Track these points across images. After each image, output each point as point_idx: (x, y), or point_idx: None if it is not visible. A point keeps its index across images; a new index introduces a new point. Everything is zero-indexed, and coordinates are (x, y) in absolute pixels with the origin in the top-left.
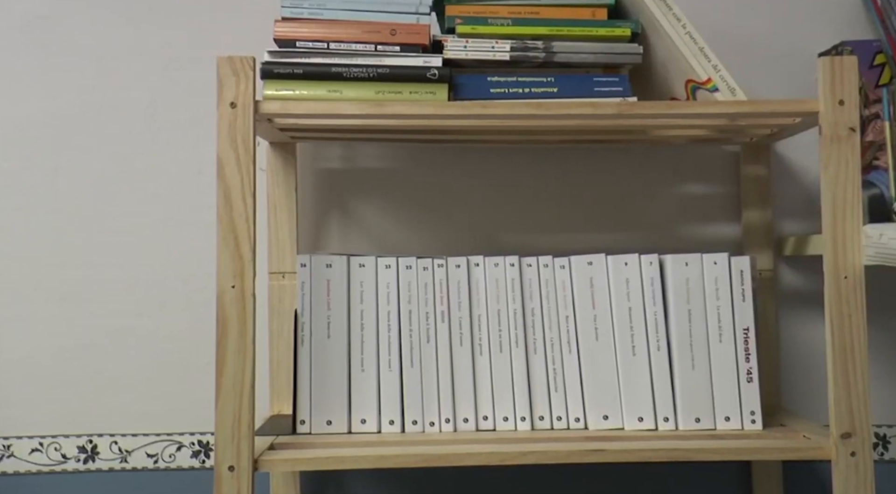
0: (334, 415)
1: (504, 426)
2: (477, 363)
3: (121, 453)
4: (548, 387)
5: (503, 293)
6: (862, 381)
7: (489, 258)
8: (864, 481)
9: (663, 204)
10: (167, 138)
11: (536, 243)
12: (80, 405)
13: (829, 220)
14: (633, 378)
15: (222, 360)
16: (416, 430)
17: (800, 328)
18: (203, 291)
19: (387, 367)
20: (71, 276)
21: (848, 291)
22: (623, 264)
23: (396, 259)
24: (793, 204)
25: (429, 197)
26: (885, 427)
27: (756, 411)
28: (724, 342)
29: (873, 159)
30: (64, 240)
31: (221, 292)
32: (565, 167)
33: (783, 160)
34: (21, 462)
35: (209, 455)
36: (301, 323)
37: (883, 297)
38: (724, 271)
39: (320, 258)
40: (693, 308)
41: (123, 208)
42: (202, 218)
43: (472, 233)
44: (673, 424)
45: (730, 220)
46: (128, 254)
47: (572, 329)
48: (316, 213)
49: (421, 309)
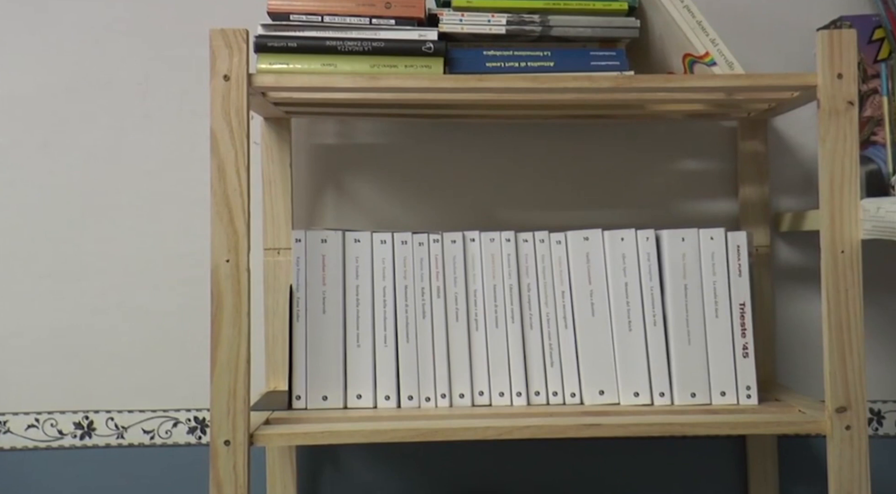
0: (330, 390)
1: (500, 402)
2: (473, 339)
3: (117, 429)
4: (543, 362)
5: (499, 269)
6: (857, 355)
7: (485, 234)
8: (858, 455)
9: (660, 180)
10: (160, 114)
11: (533, 219)
12: (76, 381)
13: (826, 194)
14: (629, 353)
15: (217, 334)
16: (412, 405)
17: (796, 303)
18: (198, 267)
19: (382, 342)
20: (65, 252)
21: (845, 265)
22: (619, 239)
23: (392, 234)
24: (790, 180)
25: (424, 173)
26: (879, 403)
27: (751, 386)
28: (720, 317)
29: (871, 135)
30: (58, 216)
31: (216, 266)
32: (562, 143)
33: (780, 136)
34: (17, 437)
35: (205, 432)
36: (296, 299)
37: (878, 273)
38: (720, 247)
39: (315, 234)
40: (689, 283)
41: (117, 185)
42: (197, 194)
43: (468, 209)
44: (668, 399)
45: (726, 196)
46: (122, 230)
47: (568, 304)
48: (311, 189)
49: (416, 284)
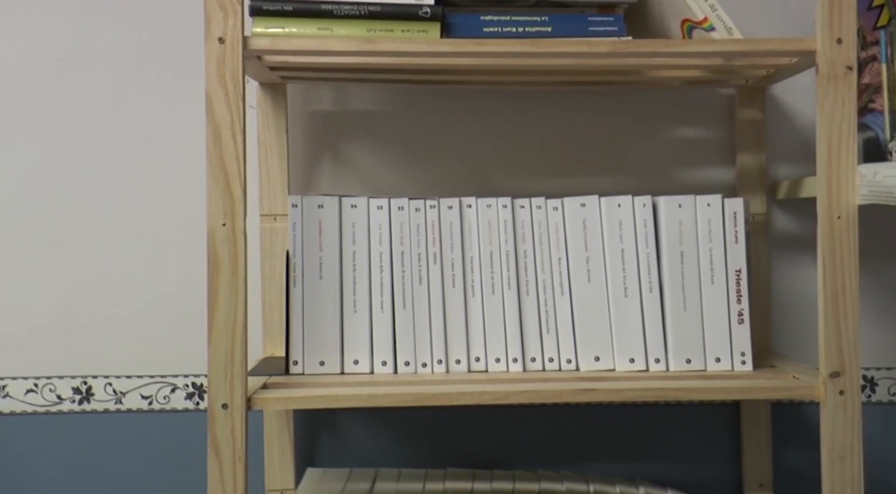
0: (327, 356)
1: (496, 368)
2: (469, 305)
3: (115, 394)
4: (540, 329)
5: (496, 235)
6: (852, 321)
7: (482, 200)
8: (851, 420)
9: (657, 147)
10: (155, 81)
11: (530, 186)
12: (75, 347)
13: (823, 159)
14: (625, 320)
15: (214, 298)
16: (409, 371)
17: (791, 272)
18: (196, 233)
19: (379, 308)
20: (63, 220)
21: (841, 231)
22: (616, 205)
23: (388, 200)
24: (787, 148)
25: (421, 140)
26: (872, 370)
27: (746, 352)
28: (716, 283)
29: (869, 102)
30: (55, 184)
31: (212, 230)
32: (559, 110)
33: (778, 104)
34: (16, 401)
35: (203, 397)
36: (293, 264)
37: (874, 240)
38: (717, 213)
39: (312, 199)
40: (686, 250)
41: (113, 151)
42: (193, 161)
43: (465, 176)
44: (664, 365)
45: (724, 164)
46: (119, 197)
47: (564, 271)
48: (307, 156)
49: (413, 251)
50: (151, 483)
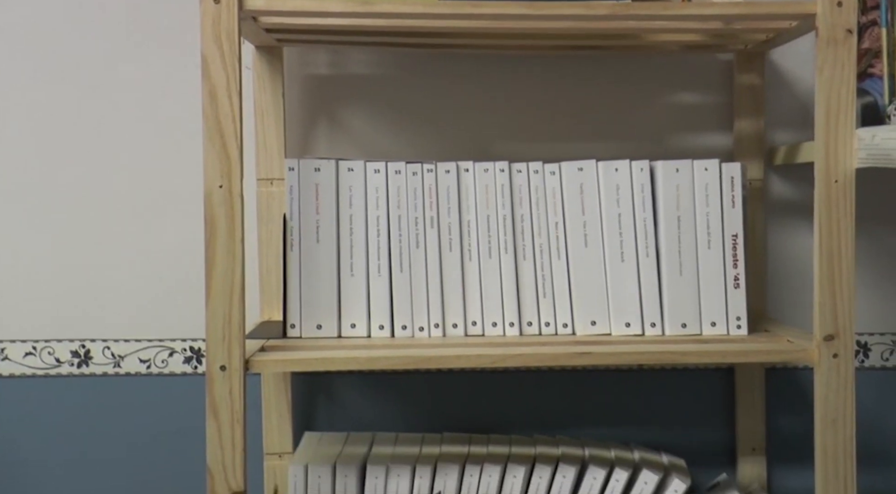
0: (324, 320)
1: (492, 332)
2: (466, 269)
3: (113, 358)
4: (536, 293)
5: (493, 199)
6: (847, 284)
7: (479, 164)
8: (844, 383)
9: (655, 113)
10: (151, 43)
11: (527, 151)
12: (73, 310)
13: (822, 123)
14: (621, 284)
15: (211, 260)
16: (406, 335)
17: (788, 238)
18: (194, 197)
19: (376, 272)
20: (60, 183)
21: (838, 194)
22: (613, 170)
23: (385, 164)
24: (785, 114)
25: (418, 104)
26: (866, 335)
27: (742, 317)
28: (713, 248)
29: (868, 67)
30: (52, 148)
31: (209, 192)
32: (558, 75)
33: (777, 69)
34: (15, 364)
35: (201, 361)
36: (290, 228)
37: (870, 206)
38: (714, 178)
39: (308, 162)
40: (682, 215)
41: (110, 118)
42: (190, 127)
43: (462, 140)
44: (659, 329)
45: (721, 129)
46: (116, 161)
47: (561, 235)
48: (303, 120)
49: (410, 214)
50: (150, 446)
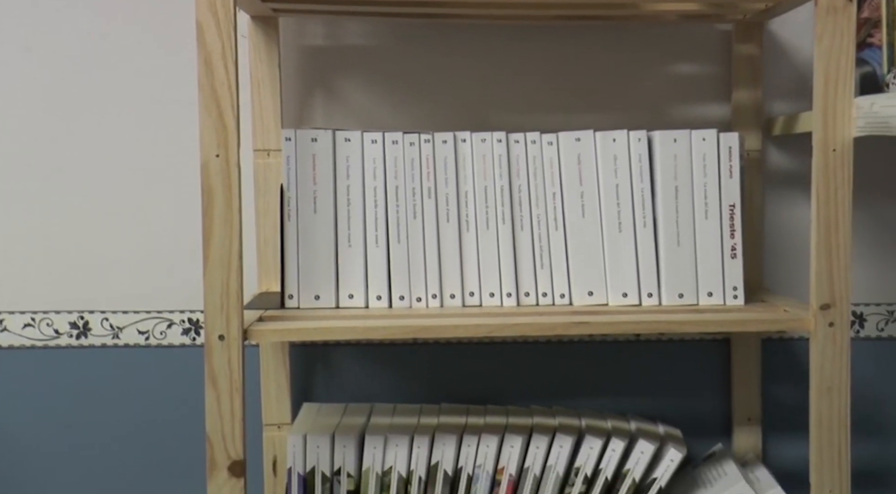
0: (322, 290)
1: (490, 303)
2: (463, 240)
3: (112, 329)
4: (534, 264)
5: (490, 170)
6: (844, 253)
7: (476, 134)
8: (840, 351)
9: (653, 84)
10: (145, 13)
11: (525, 122)
12: (71, 282)
13: (820, 92)
14: (619, 255)
15: (209, 230)
16: (403, 305)
17: (785, 209)
18: (192, 168)
19: (374, 242)
20: (58, 155)
21: (836, 163)
22: (611, 140)
23: (382, 134)
24: (784, 84)
25: (415, 75)
26: (862, 306)
27: (738, 286)
28: (710, 218)
29: (867, 37)
30: (49, 120)
31: (205, 161)
32: (556, 46)
33: (776, 40)
34: (14, 335)
35: (199, 333)
36: (287, 198)
37: (867, 177)
38: (712, 148)
39: (305, 133)
40: (680, 185)
41: (106, 86)
42: (188, 95)
43: (459, 111)
44: (656, 299)
45: (719, 100)
46: (113, 133)
47: (559, 206)
48: (300, 91)
49: (407, 185)
50: (149, 417)
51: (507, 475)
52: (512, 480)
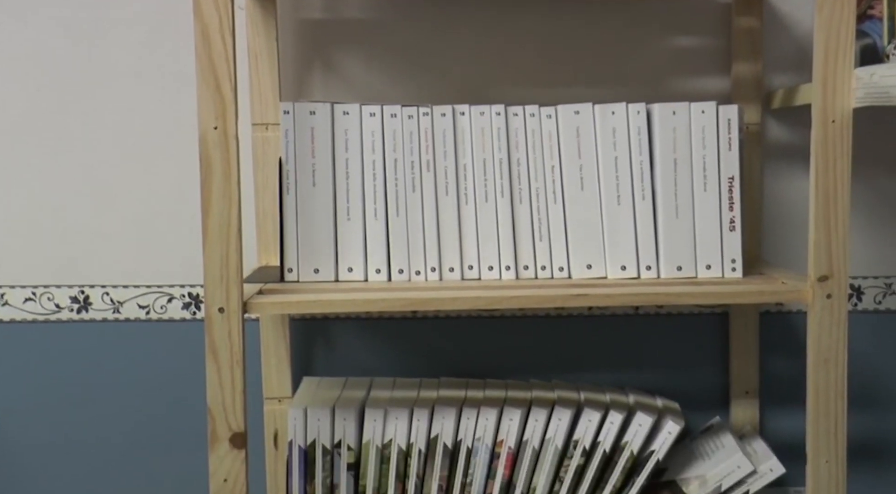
0: (321, 264)
1: (489, 276)
2: (462, 213)
3: (113, 304)
4: (532, 237)
5: (489, 143)
6: (842, 225)
7: (475, 107)
8: (837, 323)
9: (653, 57)
10: None
11: (524, 95)
12: (72, 256)
13: (820, 62)
14: (618, 227)
15: (207, 202)
16: (402, 279)
17: (784, 182)
18: (193, 143)
19: (372, 216)
20: (57, 129)
21: (835, 135)
22: (610, 113)
23: (381, 107)
24: (784, 58)
25: (414, 49)
26: (860, 279)
27: (737, 259)
28: (709, 190)
29: (868, 9)
30: (48, 94)
31: (204, 133)
32: (555, 19)
33: (776, 12)
34: (15, 310)
35: (199, 307)
36: (286, 171)
37: (865, 149)
38: (711, 120)
39: (304, 106)
40: (679, 157)
41: (104, 59)
42: (188, 68)
43: (457, 86)
44: (655, 272)
45: (719, 73)
46: (112, 107)
47: (558, 179)
48: (298, 65)
49: (406, 158)
50: (149, 391)
51: (507, 447)
52: (511, 452)
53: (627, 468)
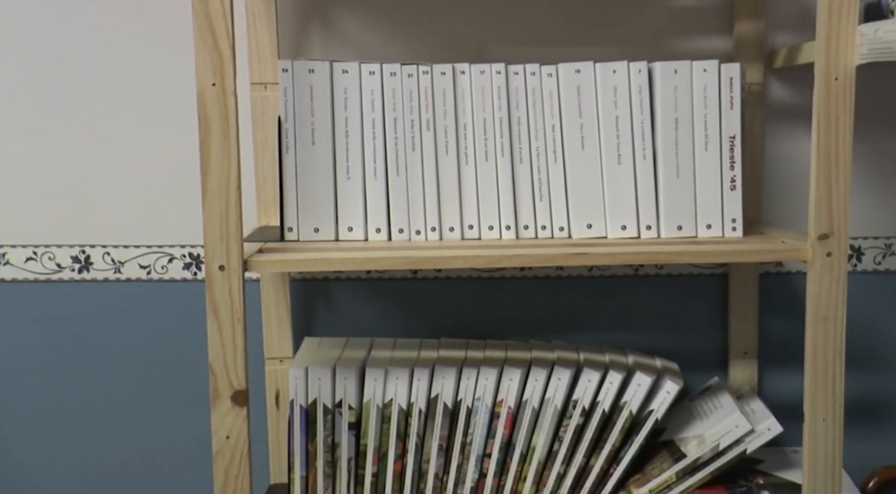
0: (321, 223)
1: (489, 235)
2: (462, 172)
3: (114, 264)
4: (532, 196)
5: (489, 102)
6: (843, 183)
7: (475, 66)
8: (837, 281)
9: (655, 15)
10: None
11: (524, 54)
12: (73, 216)
13: (823, 18)
14: (618, 187)
15: (206, 159)
16: (403, 238)
17: (786, 143)
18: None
19: (372, 175)
20: (55, 89)
21: (837, 92)
22: (611, 71)
23: (380, 66)
24: (787, 16)
25: (413, 6)
26: (860, 239)
27: (737, 218)
28: (710, 150)
29: None
30: (46, 55)
31: (202, 90)
32: None
33: None
34: (17, 269)
35: (200, 268)
36: (285, 130)
37: (867, 109)
38: (713, 79)
39: (302, 64)
40: (680, 116)
41: (101, 22)
42: (186, 27)
43: (457, 43)
44: (655, 232)
45: (721, 32)
46: (110, 67)
47: (558, 138)
48: (296, 23)
49: (406, 117)
50: (150, 351)
51: (506, 407)
52: (511, 412)
53: (626, 427)
